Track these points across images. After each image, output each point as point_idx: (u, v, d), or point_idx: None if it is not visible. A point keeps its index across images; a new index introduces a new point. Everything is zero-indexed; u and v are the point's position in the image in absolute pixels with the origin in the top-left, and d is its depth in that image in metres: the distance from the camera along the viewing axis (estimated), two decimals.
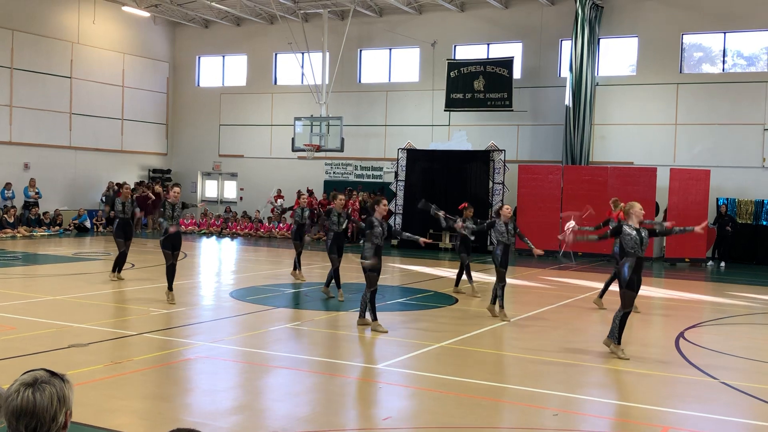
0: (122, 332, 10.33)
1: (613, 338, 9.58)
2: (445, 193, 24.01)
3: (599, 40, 25.34)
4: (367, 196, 26.80)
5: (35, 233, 25.62)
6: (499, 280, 12.07)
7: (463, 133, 26.45)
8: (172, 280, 12.62)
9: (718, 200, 23.18)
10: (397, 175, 26.05)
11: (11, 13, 26.55)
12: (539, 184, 23.88)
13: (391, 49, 29.10)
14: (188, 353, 9.25)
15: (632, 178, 22.74)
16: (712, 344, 10.76)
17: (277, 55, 31.03)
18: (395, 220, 25.27)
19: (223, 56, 32.44)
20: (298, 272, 15.99)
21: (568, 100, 24.78)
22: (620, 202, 12.43)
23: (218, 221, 29.71)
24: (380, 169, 28.87)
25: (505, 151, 24.81)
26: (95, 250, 22.42)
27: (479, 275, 18.12)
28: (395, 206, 25.51)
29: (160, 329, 10.54)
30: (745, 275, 20.17)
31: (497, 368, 9.25)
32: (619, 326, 9.48)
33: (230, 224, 29.37)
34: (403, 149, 26.00)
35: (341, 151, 27.19)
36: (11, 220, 25.24)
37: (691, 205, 21.73)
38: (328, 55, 28.20)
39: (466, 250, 14.73)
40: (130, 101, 31.02)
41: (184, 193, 15.34)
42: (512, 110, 25.70)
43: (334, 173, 29.78)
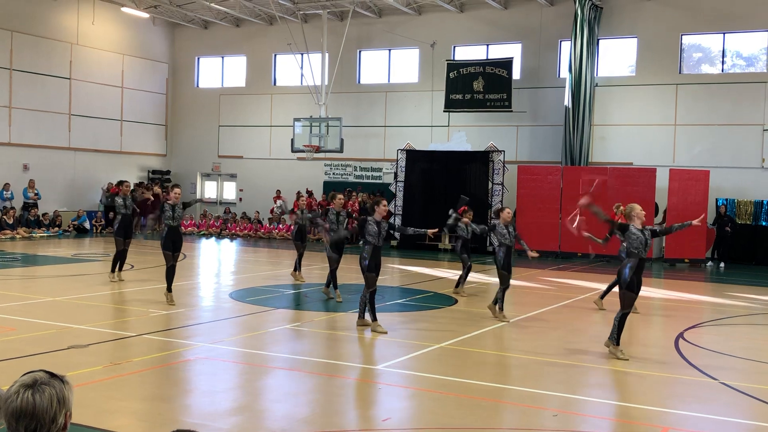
0: (122, 333, 10.33)
1: (612, 339, 9.58)
2: (444, 193, 24.01)
3: (598, 40, 25.35)
4: (366, 196, 26.79)
5: (34, 234, 25.62)
6: (501, 282, 12.08)
7: (462, 133, 26.46)
8: (171, 281, 12.62)
9: (717, 201, 23.19)
10: (396, 175, 26.05)
11: (10, 14, 26.55)
12: (539, 184, 23.89)
13: (390, 49, 29.11)
14: (188, 354, 9.24)
15: (632, 178, 22.75)
16: (711, 345, 10.76)
17: (276, 55, 31.04)
18: (394, 220, 25.27)
19: (222, 57, 32.45)
20: (297, 273, 15.99)
21: (567, 100, 24.78)
22: (621, 206, 12.40)
23: (217, 222, 29.70)
24: (380, 169, 28.88)
25: (504, 151, 24.82)
26: (94, 251, 22.41)
27: (479, 276, 18.12)
28: (395, 207, 25.51)
29: (159, 330, 10.53)
30: (744, 276, 20.18)
31: (497, 369, 9.25)
32: (618, 327, 9.48)
33: (229, 225, 29.37)
34: (402, 150, 26.01)
35: (341, 151, 27.19)
36: (10, 221, 25.24)
37: (690, 205, 21.74)
38: (327, 55, 28.21)
39: (466, 251, 14.78)
40: (129, 102, 31.02)
41: (183, 194, 15.30)
42: (511, 111, 25.71)
43: (333, 174, 29.78)
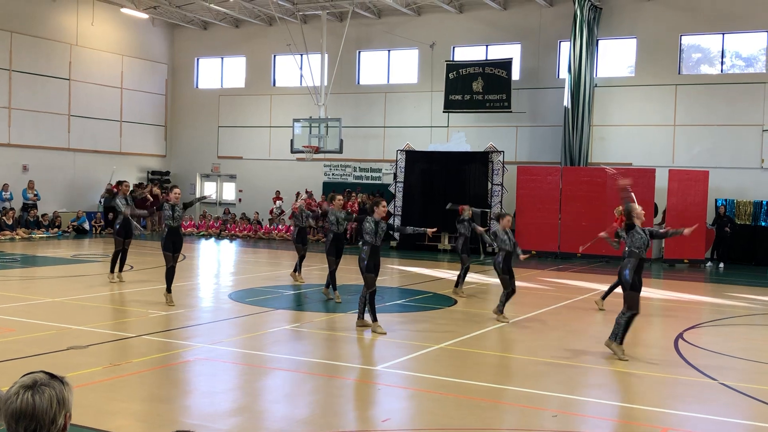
0: (121, 334, 10.33)
1: (614, 339, 9.60)
2: (444, 194, 23.98)
3: (598, 41, 25.36)
4: (366, 197, 26.79)
5: (34, 235, 25.61)
6: (504, 287, 12.09)
7: (461, 134, 26.47)
8: (171, 282, 12.62)
9: (716, 201, 23.19)
10: (395, 176, 26.05)
11: (10, 14, 26.54)
12: (538, 185, 23.89)
13: (389, 50, 29.12)
14: (187, 355, 9.24)
15: (631, 179, 22.69)
16: (711, 345, 10.76)
17: (275, 56, 31.04)
18: (394, 221, 25.26)
19: (221, 58, 32.44)
20: (297, 274, 15.99)
21: (566, 101, 24.78)
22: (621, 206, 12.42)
23: (217, 223, 29.70)
24: (379, 170, 28.89)
25: (503, 152, 24.82)
26: (94, 251, 22.41)
27: (478, 277, 18.13)
28: (394, 207, 25.50)
29: (159, 331, 10.53)
30: (743, 276, 20.18)
31: (496, 369, 9.25)
32: (624, 327, 9.48)
33: (229, 226, 29.37)
34: (401, 150, 26.01)
35: (340, 152, 27.20)
36: (10, 222, 25.23)
37: (689, 206, 21.75)
38: (326, 56, 28.21)
39: (467, 251, 14.81)
40: (128, 103, 31.02)
41: (183, 195, 15.30)
42: (511, 111, 25.72)
43: (333, 175, 29.78)
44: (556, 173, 23.91)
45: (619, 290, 11.03)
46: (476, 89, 25.98)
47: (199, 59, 32.88)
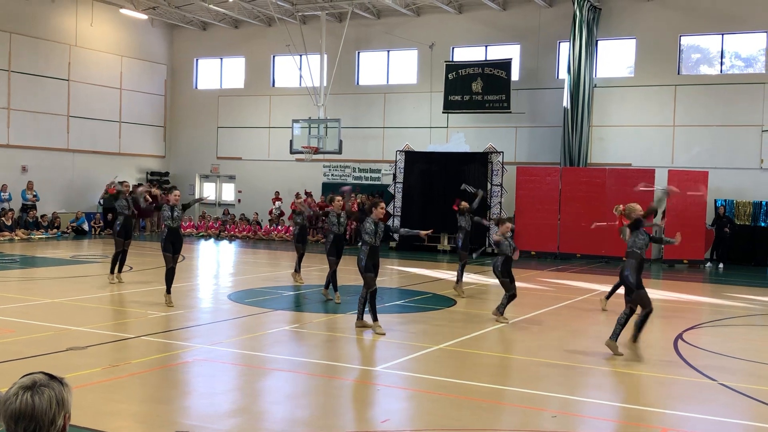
0: (120, 335, 10.32)
1: (614, 339, 9.63)
2: (443, 195, 24.00)
3: (597, 41, 25.37)
4: (365, 198, 26.78)
5: (33, 236, 25.60)
6: (506, 290, 12.10)
7: (461, 134, 26.47)
8: (170, 283, 12.61)
9: (716, 201, 23.20)
10: (395, 177, 26.05)
11: (9, 15, 26.53)
12: (537, 185, 23.90)
13: (389, 51, 29.12)
14: (186, 356, 9.24)
15: (630, 179, 22.68)
16: (710, 346, 10.76)
17: (275, 57, 31.04)
18: (393, 222, 25.27)
19: (220, 58, 32.44)
20: (297, 275, 15.98)
21: (566, 101, 24.78)
22: (621, 206, 12.31)
23: (216, 223, 29.70)
24: (378, 171, 28.89)
25: (503, 152, 24.83)
26: (93, 252, 22.40)
27: (478, 277, 18.13)
28: (393, 208, 25.50)
29: (158, 332, 10.52)
30: (743, 276, 20.19)
31: (496, 370, 9.25)
32: (639, 325, 9.47)
33: (228, 226, 29.36)
34: (401, 151, 26.01)
35: (339, 153, 27.21)
36: (9, 222, 25.22)
37: (689, 206, 21.75)
38: (326, 57, 28.22)
39: (466, 248, 14.84)
40: (127, 104, 31.01)
41: (182, 195, 15.29)
42: (510, 112, 25.72)
43: (332, 175, 29.78)
44: (555, 174, 23.92)
45: (621, 290, 11.02)
46: (475, 90, 25.98)
47: (198, 60, 32.88)
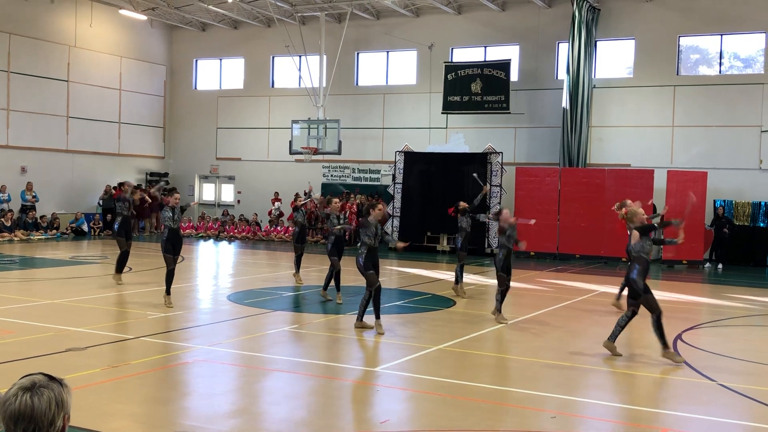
0: (120, 336, 10.32)
1: (613, 340, 9.60)
2: (442, 195, 24.02)
3: (596, 42, 25.38)
4: (364, 198, 26.80)
5: (32, 237, 25.60)
6: (500, 284, 12.09)
7: (460, 135, 26.48)
8: (170, 284, 12.60)
9: (715, 202, 23.20)
10: (394, 177, 26.05)
11: (8, 16, 26.53)
12: (537, 186, 23.91)
13: (388, 51, 29.12)
14: (186, 357, 9.24)
15: (629, 180, 22.75)
16: (709, 346, 10.77)
17: (274, 58, 31.04)
18: (393, 222, 25.27)
19: (220, 59, 32.44)
20: (297, 275, 15.97)
21: (565, 102, 24.78)
22: (627, 205, 12.18)
23: (215, 224, 29.69)
24: (378, 171, 28.89)
25: (502, 153, 24.84)
26: (92, 253, 22.40)
27: (477, 278, 18.13)
28: (393, 209, 25.50)
29: (157, 333, 10.52)
30: (742, 277, 20.19)
31: (495, 371, 9.25)
32: (659, 332, 9.35)
33: (227, 227, 29.36)
34: (400, 152, 26.01)
35: (339, 153, 27.21)
36: (8, 223, 25.21)
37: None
38: (325, 58, 28.22)
39: (465, 248, 14.87)
40: (127, 104, 31.00)
41: (182, 196, 15.27)
42: (509, 113, 25.72)
43: (331, 176, 29.78)
44: (554, 174, 23.93)
45: (625, 292, 10.98)
46: (475, 90, 25.99)
47: (197, 60, 32.87)
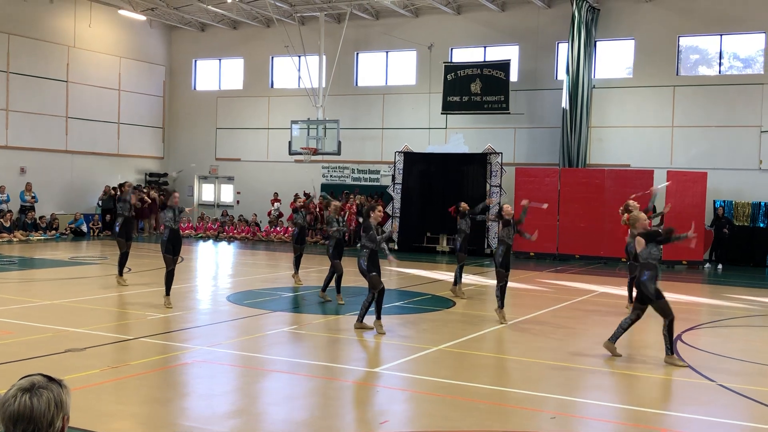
0: (119, 336, 10.31)
1: (614, 341, 9.59)
2: (442, 196, 24.02)
3: (596, 42, 25.38)
4: (364, 199, 26.79)
5: (31, 237, 25.58)
6: (499, 280, 12.09)
7: (460, 135, 26.47)
8: (170, 285, 12.59)
9: (714, 202, 23.20)
10: (394, 178, 26.04)
11: (7, 17, 26.51)
12: (536, 186, 23.87)
13: (387, 52, 29.12)
14: (185, 357, 9.23)
15: (629, 180, 22.72)
16: (709, 347, 10.76)
17: (273, 58, 31.03)
18: (392, 223, 25.26)
19: (219, 60, 32.43)
20: (296, 276, 15.96)
21: (564, 102, 24.79)
22: (635, 207, 12.03)
23: (215, 225, 29.68)
24: (377, 172, 28.88)
25: (502, 153, 24.83)
26: (92, 254, 22.39)
27: (477, 278, 18.13)
28: (392, 209, 25.49)
29: (157, 333, 10.51)
30: (742, 277, 20.19)
31: (495, 371, 9.25)
32: (668, 336, 9.35)
33: (227, 228, 29.35)
34: (400, 152, 26.00)
35: (338, 154, 27.21)
36: (7, 224, 25.20)
37: (687, 207, 21.73)
38: (324, 58, 28.22)
39: (465, 249, 14.87)
40: (126, 105, 30.99)
41: (181, 196, 15.26)
42: (509, 113, 25.73)
43: (331, 176, 29.78)
44: (554, 174, 23.92)
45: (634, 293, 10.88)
46: (474, 91, 25.99)
47: (196, 61, 32.87)
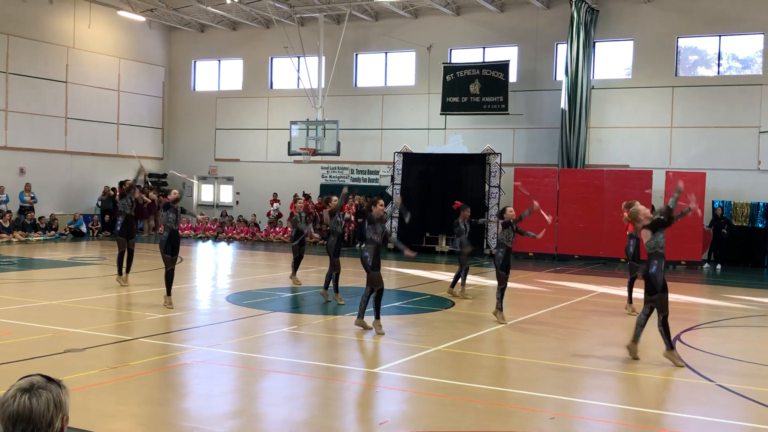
0: (119, 337, 10.31)
1: (635, 340, 9.49)
2: (441, 196, 24.01)
3: (595, 43, 25.39)
4: (363, 199, 26.78)
5: (31, 238, 25.57)
6: (500, 282, 12.09)
7: (459, 136, 26.48)
8: (170, 285, 12.58)
9: (713, 203, 23.22)
10: (393, 178, 26.05)
11: (7, 17, 26.51)
12: (535, 187, 23.78)
13: (387, 52, 29.13)
14: (185, 358, 9.23)
15: (628, 181, 22.75)
16: (708, 347, 10.77)
17: (273, 59, 31.04)
18: (391, 224, 25.25)
19: (219, 60, 32.43)
20: (294, 276, 15.95)
21: (563, 103, 24.78)
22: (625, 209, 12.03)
23: (214, 225, 29.67)
24: (377, 172, 28.88)
25: (501, 154, 24.83)
26: (91, 254, 22.39)
27: (476, 278, 18.12)
28: (392, 210, 25.46)
29: (156, 334, 10.51)
30: (741, 278, 20.20)
31: (494, 372, 9.25)
32: (664, 331, 9.31)
33: (226, 228, 29.35)
34: (399, 153, 26.01)
35: (337, 154, 27.21)
36: (6, 224, 25.19)
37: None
38: (324, 59, 28.22)
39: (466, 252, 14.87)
40: (125, 105, 30.99)
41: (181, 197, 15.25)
42: (508, 113, 25.73)
43: (330, 177, 29.78)
44: (553, 175, 23.93)
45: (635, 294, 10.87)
46: (473, 91, 25.99)
47: (196, 62, 32.87)
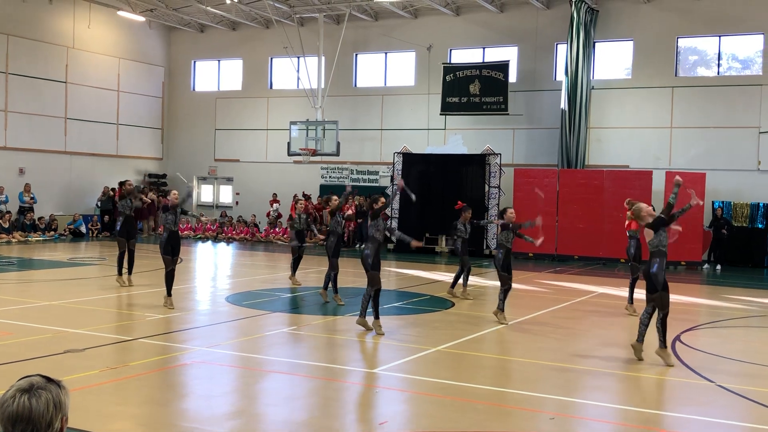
0: (118, 337, 10.30)
1: (640, 340, 9.49)
2: (441, 197, 24.02)
3: (594, 43, 25.39)
4: (363, 199, 26.77)
5: (30, 238, 25.57)
6: (502, 284, 12.09)
7: (458, 136, 26.48)
8: (171, 285, 12.58)
9: (713, 203, 23.22)
10: (392, 179, 26.04)
11: (6, 17, 26.51)
12: (535, 187, 23.88)
13: (386, 53, 29.13)
14: (184, 358, 9.22)
15: (628, 181, 22.76)
16: (708, 347, 10.76)
17: (272, 59, 31.04)
18: (390, 224, 25.26)
19: (218, 60, 32.43)
20: (293, 277, 15.95)
21: (563, 103, 24.79)
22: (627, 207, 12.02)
23: (213, 226, 29.66)
24: (376, 173, 28.88)
25: (500, 154, 24.83)
26: (91, 254, 22.38)
27: (476, 279, 18.12)
28: (391, 210, 25.48)
29: (156, 334, 10.50)
30: (740, 278, 20.20)
31: (494, 372, 9.24)
32: (661, 329, 9.29)
33: (226, 229, 29.34)
34: (399, 153, 26.00)
35: (337, 155, 27.22)
36: (6, 225, 25.18)
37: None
38: (323, 59, 28.22)
39: (466, 252, 14.86)
40: (125, 106, 30.98)
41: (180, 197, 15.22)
42: (508, 114, 25.73)
43: (330, 177, 29.78)
44: (553, 175, 23.93)
45: (636, 294, 10.86)
46: (473, 92, 25.99)
47: (195, 62, 32.86)
